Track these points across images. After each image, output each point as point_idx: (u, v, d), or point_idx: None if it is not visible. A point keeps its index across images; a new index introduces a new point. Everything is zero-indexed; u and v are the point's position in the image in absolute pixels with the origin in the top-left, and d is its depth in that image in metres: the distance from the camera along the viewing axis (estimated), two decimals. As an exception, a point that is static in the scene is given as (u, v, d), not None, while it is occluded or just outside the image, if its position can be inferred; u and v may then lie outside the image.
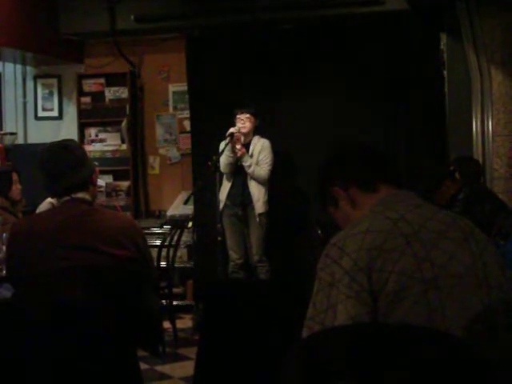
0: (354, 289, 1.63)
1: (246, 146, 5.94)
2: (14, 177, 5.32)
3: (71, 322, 2.43)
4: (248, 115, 5.92)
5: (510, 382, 1.61)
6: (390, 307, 1.61)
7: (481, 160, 5.89)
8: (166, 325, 5.55)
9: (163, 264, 5.67)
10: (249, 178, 5.91)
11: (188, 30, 6.90)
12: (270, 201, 6.01)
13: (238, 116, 5.92)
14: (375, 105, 6.39)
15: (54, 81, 7.73)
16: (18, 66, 7.70)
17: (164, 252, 5.66)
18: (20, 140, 7.68)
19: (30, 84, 7.79)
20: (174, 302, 5.98)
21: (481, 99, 6.04)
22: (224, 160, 5.82)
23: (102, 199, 7.18)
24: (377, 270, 1.63)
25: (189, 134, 7.12)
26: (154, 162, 7.51)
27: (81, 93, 7.50)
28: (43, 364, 2.40)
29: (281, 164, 6.19)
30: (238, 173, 5.94)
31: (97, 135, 7.51)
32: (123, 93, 7.44)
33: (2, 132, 7.59)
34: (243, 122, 5.89)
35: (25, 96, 7.78)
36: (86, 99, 7.50)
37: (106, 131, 7.50)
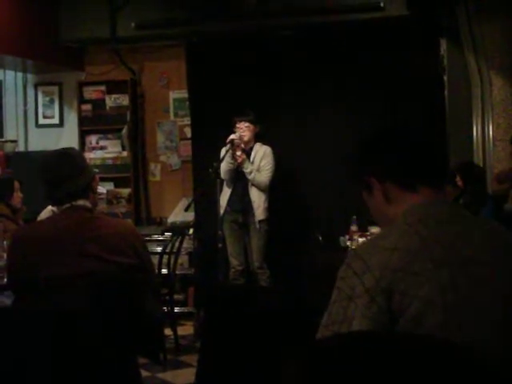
0: (373, 310, 1.56)
1: (248, 152, 5.95)
2: (16, 185, 5.34)
3: (72, 329, 2.42)
4: (247, 124, 5.94)
5: None
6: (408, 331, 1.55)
7: (481, 165, 5.89)
8: (168, 332, 5.55)
9: (164, 271, 5.66)
10: (249, 184, 5.92)
11: (188, 37, 6.91)
12: (271, 208, 6.01)
13: (237, 125, 5.94)
14: (375, 110, 6.39)
15: (55, 88, 7.74)
16: (19, 74, 7.71)
17: (165, 259, 5.65)
18: (21, 147, 7.69)
19: (30, 91, 7.80)
20: (176, 309, 5.98)
21: (481, 104, 6.04)
22: (224, 166, 5.83)
23: (102, 206, 7.18)
24: (399, 293, 1.55)
25: (189, 141, 7.13)
26: (155, 169, 7.52)
27: (81, 100, 7.52)
28: (44, 370, 2.39)
29: (281, 171, 6.19)
30: (239, 179, 5.95)
31: (97, 142, 7.52)
32: (124, 100, 7.45)
33: (3, 139, 7.60)
34: (242, 131, 5.91)
35: (26, 103, 7.80)
36: (87, 106, 7.51)
37: (107, 138, 7.51)
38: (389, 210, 1.78)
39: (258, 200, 5.92)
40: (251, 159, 5.94)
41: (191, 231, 6.67)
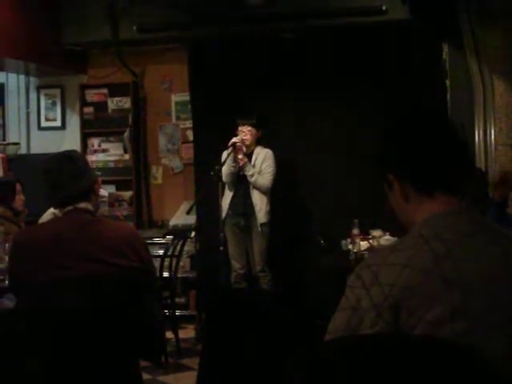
0: (380, 324, 1.54)
1: (249, 156, 5.95)
2: (18, 187, 5.34)
3: (72, 332, 2.42)
4: (249, 128, 5.95)
5: None
6: None
7: (483, 169, 5.89)
8: (169, 335, 5.54)
9: (166, 274, 5.66)
10: (251, 187, 5.92)
11: (190, 40, 6.92)
12: (272, 211, 6.01)
13: (239, 128, 5.95)
14: (376, 114, 6.38)
15: (57, 91, 7.75)
16: (21, 77, 7.72)
17: (167, 262, 5.65)
18: (23, 150, 7.69)
19: (33, 94, 7.81)
20: (177, 312, 5.97)
21: (483, 109, 6.04)
22: (226, 170, 5.83)
23: (104, 209, 7.17)
24: (407, 311, 1.52)
25: (191, 144, 7.14)
26: (157, 172, 7.52)
27: (84, 103, 7.52)
28: (44, 374, 2.39)
29: (283, 174, 6.19)
30: (240, 183, 5.95)
31: (99, 145, 7.52)
32: (126, 103, 7.46)
33: (5, 142, 7.61)
34: (244, 135, 5.91)
35: (28, 106, 7.81)
36: (89, 109, 7.52)
37: (109, 141, 7.51)
38: (408, 209, 1.74)
39: (260, 203, 5.92)
40: (252, 162, 5.94)
41: (193, 234, 6.67)
